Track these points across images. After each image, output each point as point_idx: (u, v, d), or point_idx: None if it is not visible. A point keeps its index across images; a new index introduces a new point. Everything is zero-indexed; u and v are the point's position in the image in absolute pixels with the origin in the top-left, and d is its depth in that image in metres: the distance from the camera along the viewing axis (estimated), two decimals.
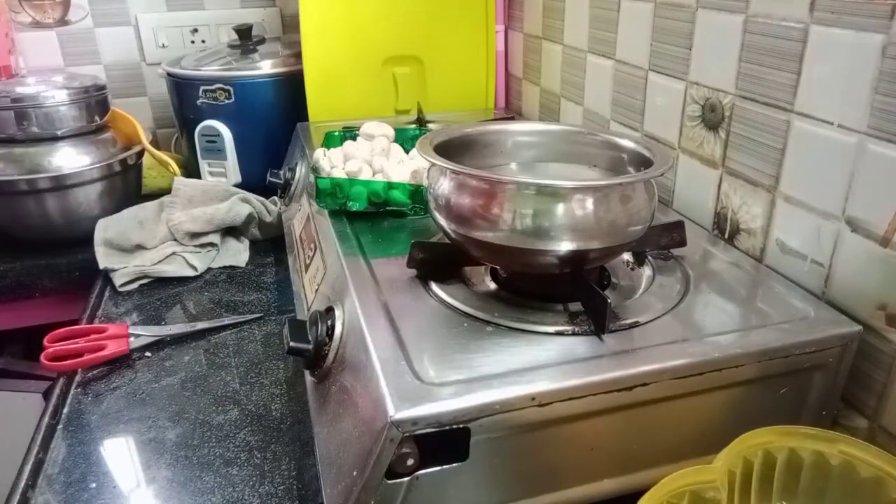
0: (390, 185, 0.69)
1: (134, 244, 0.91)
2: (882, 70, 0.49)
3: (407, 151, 0.79)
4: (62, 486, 0.55)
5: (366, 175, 0.72)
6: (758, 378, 0.48)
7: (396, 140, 0.82)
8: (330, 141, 0.84)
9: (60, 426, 0.62)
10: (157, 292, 0.86)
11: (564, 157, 0.64)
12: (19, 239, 0.99)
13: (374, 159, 0.75)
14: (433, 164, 0.53)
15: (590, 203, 0.48)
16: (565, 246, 0.49)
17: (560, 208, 0.48)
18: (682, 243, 0.60)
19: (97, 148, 0.98)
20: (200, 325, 0.77)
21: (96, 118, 0.99)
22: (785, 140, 0.58)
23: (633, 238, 0.51)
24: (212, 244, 0.93)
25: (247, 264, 0.93)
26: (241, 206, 0.95)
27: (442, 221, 0.53)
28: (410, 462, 0.42)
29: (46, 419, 0.62)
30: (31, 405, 0.95)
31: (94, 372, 0.70)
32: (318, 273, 0.66)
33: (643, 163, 0.56)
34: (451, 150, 0.56)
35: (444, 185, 0.53)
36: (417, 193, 0.69)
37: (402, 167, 0.73)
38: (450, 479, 0.44)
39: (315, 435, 0.54)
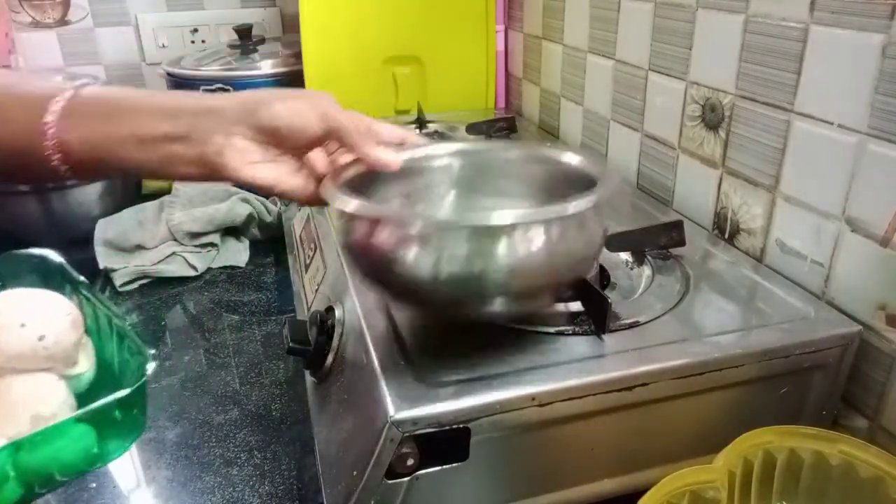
0: None
1: (134, 244, 0.90)
2: (882, 70, 0.49)
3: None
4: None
5: None
6: (758, 378, 0.48)
7: None
8: None
9: None
10: (157, 292, 0.86)
11: (499, 178, 0.54)
12: (19, 239, 0.99)
13: None
14: (335, 204, 0.43)
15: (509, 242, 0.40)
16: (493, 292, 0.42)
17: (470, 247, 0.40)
18: (681, 243, 0.60)
19: None
20: None
21: None
22: (785, 140, 0.58)
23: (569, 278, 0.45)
24: (212, 244, 0.93)
25: (247, 264, 0.93)
26: (241, 206, 0.95)
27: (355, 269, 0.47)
28: (410, 462, 0.42)
29: None
30: None
31: None
32: (318, 273, 0.66)
33: (587, 184, 0.46)
34: (369, 181, 0.48)
35: (350, 230, 0.44)
36: None
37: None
38: (450, 479, 0.44)
39: (315, 435, 0.54)
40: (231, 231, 0.97)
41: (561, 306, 0.52)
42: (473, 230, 0.40)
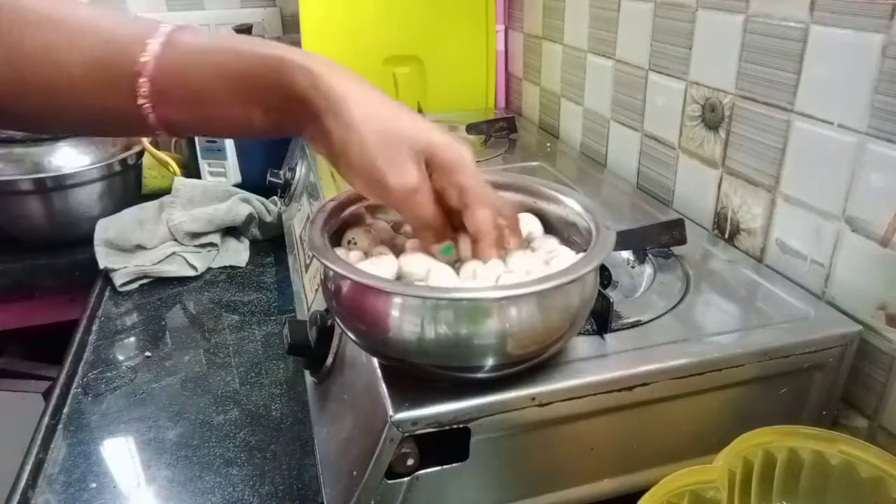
0: None
1: (134, 244, 0.90)
2: (882, 70, 0.49)
3: None
4: (62, 486, 0.55)
5: None
6: (758, 378, 0.48)
7: None
8: None
9: (60, 426, 0.62)
10: (157, 292, 0.86)
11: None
12: (19, 239, 0.99)
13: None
14: (315, 257, 0.41)
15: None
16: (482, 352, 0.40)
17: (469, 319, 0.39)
18: (683, 241, 0.60)
19: (97, 148, 0.98)
20: None
21: None
22: (785, 140, 0.58)
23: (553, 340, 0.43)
24: (212, 244, 0.93)
25: (247, 264, 0.93)
26: (241, 206, 0.95)
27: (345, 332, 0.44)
28: (410, 462, 0.42)
29: (46, 419, 0.62)
30: (31, 405, 0.95)
31: (94, 372, 0.70)
32: (318, 273, 0.66)
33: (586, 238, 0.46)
34: (356, 217, 0.47)
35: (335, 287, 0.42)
36: None
37: None
38: (450, 479, 0.44)
39: (315, 435, 0.54)
40: (231, 231, 0.97)
41: None
42: (468, 303, 0.38)
